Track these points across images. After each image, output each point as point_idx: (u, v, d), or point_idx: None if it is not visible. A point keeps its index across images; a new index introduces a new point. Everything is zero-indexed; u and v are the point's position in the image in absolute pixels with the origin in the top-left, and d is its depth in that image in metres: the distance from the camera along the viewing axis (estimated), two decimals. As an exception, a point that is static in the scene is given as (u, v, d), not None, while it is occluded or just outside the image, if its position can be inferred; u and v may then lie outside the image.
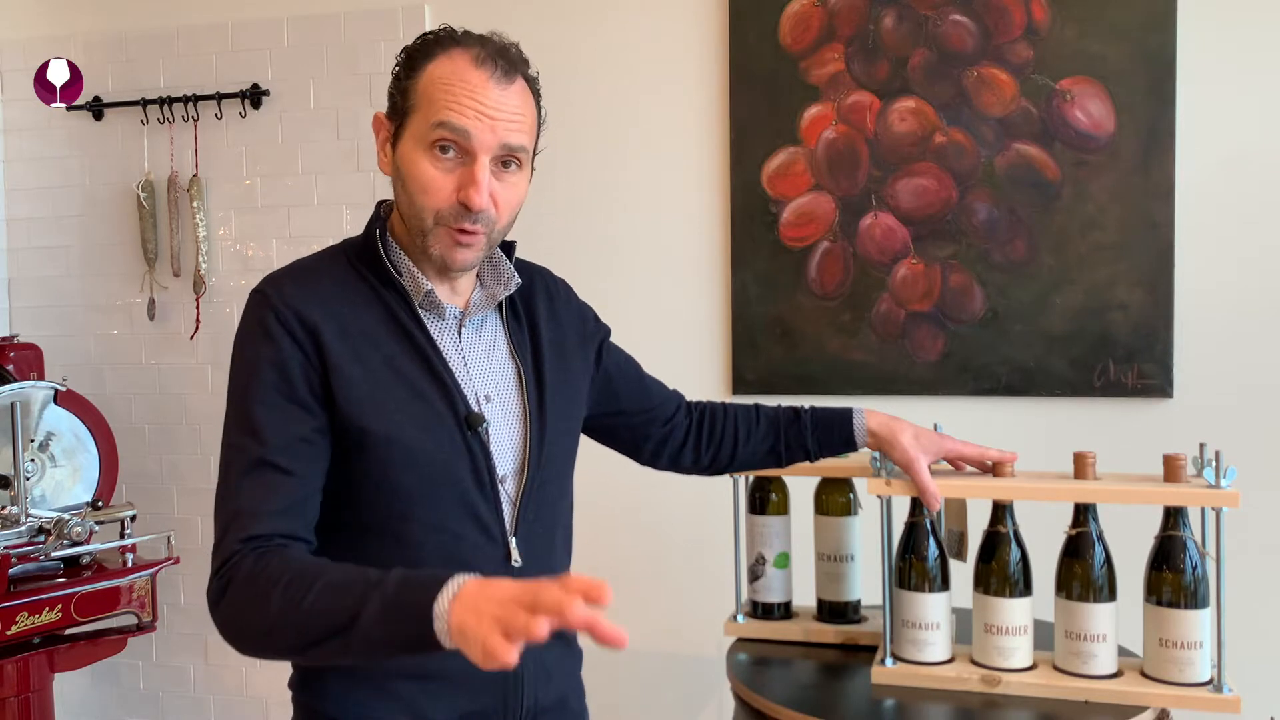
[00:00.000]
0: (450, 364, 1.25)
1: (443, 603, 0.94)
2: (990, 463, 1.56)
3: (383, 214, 1.30)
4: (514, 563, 1.24)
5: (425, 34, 1.24)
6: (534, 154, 1.26)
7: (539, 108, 1.26)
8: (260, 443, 1.14)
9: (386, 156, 1.25)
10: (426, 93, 1.19)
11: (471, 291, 1.31)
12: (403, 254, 1.25)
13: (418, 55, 1.22)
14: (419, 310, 1.25)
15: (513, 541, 1.24)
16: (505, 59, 1.20)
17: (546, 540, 1.30)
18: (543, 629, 0.86)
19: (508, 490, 1.26)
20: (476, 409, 1.24)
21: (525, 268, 1.40)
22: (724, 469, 1.61)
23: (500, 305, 1.33)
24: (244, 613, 1.07)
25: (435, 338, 1.25)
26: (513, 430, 1.28)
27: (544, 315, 1.37)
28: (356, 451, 1.19)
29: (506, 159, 1.21)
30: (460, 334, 1.28)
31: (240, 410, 1.17)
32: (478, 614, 0.91)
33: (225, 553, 1.10)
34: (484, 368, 1.28)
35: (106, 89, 2.88)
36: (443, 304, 1.26)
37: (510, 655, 0.86)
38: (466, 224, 1.19)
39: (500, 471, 1.25)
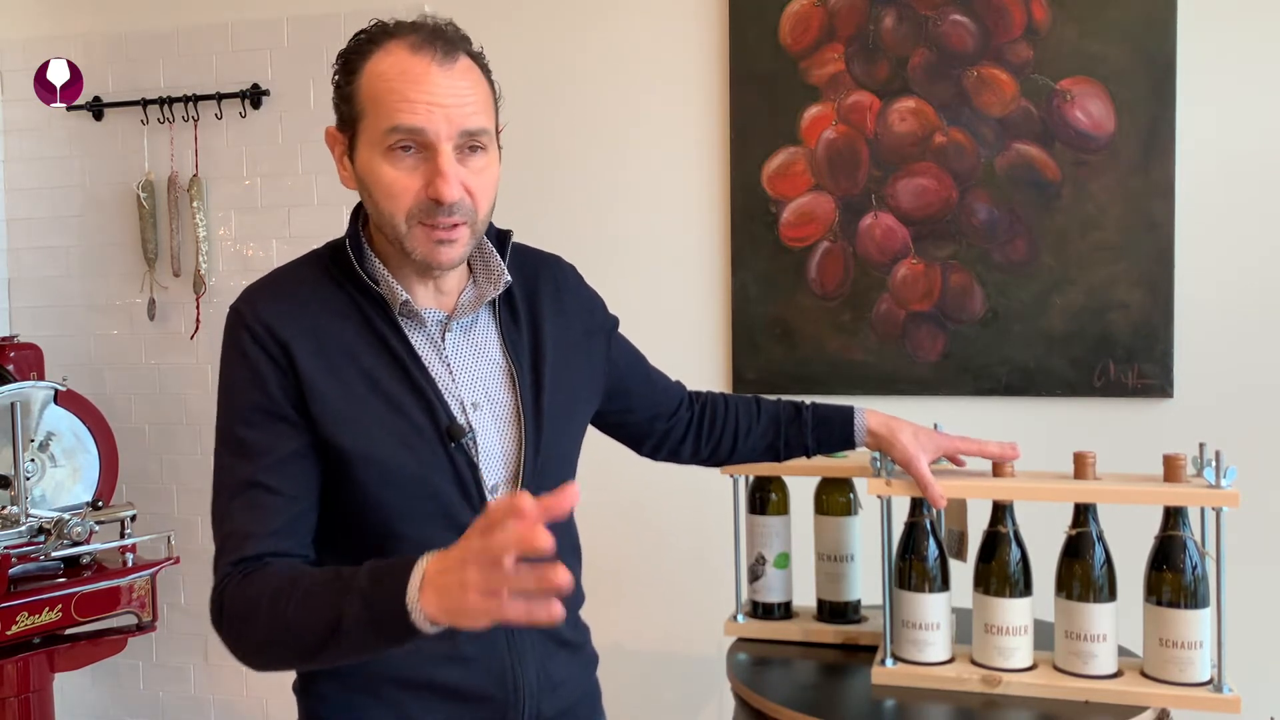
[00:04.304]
0: (432, 373, 1.20)
1: (413, 593, 0.95)
2: (991, 454, 1.55)
3: (362, 219, 1.24)
4: None
5: (359, 32, 1.19)
6: (497, 132, 1.20)
7: (491, 84, 1.20)
8: (248, 464, 1.13)
9: (346, 170, 1.20)
10: (371, 95, 1.14)
11: (462, 291, 1.25)
12: (379, 262, 1.20)
13: (354, 56, 1.17)
14: (398, 318, 1.20)
15: None
16: (443, 39, 1.15)
17: None
18: (514, 573, 0.89)
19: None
20: (461, 419, 1.19)
21: (530, 258, 1.34)
22: (723, 462, 1.60)
23: (494, 303, 1.28)
24: (240, 634, 1.09)
25: (416, 346, 1.20)
26: (505, 436, 1.23)
27: (549, 310, 1.31)
28: (336, 469, 1.16)
29: (470, 145, 1.15)
30: (444, 339, 1.22)
31: (227, 432, 1.16)
32: (449, 591, 0.93)
33: (220, 575, 1.11)
34: (471, 373, 1.23)
35: (106, 89, 2.88)
36: (421, 311, 1.21)
37: (502, 610, 0.90)
38: (441, 218, 1.14)
39: (491, 481, 1.20)
